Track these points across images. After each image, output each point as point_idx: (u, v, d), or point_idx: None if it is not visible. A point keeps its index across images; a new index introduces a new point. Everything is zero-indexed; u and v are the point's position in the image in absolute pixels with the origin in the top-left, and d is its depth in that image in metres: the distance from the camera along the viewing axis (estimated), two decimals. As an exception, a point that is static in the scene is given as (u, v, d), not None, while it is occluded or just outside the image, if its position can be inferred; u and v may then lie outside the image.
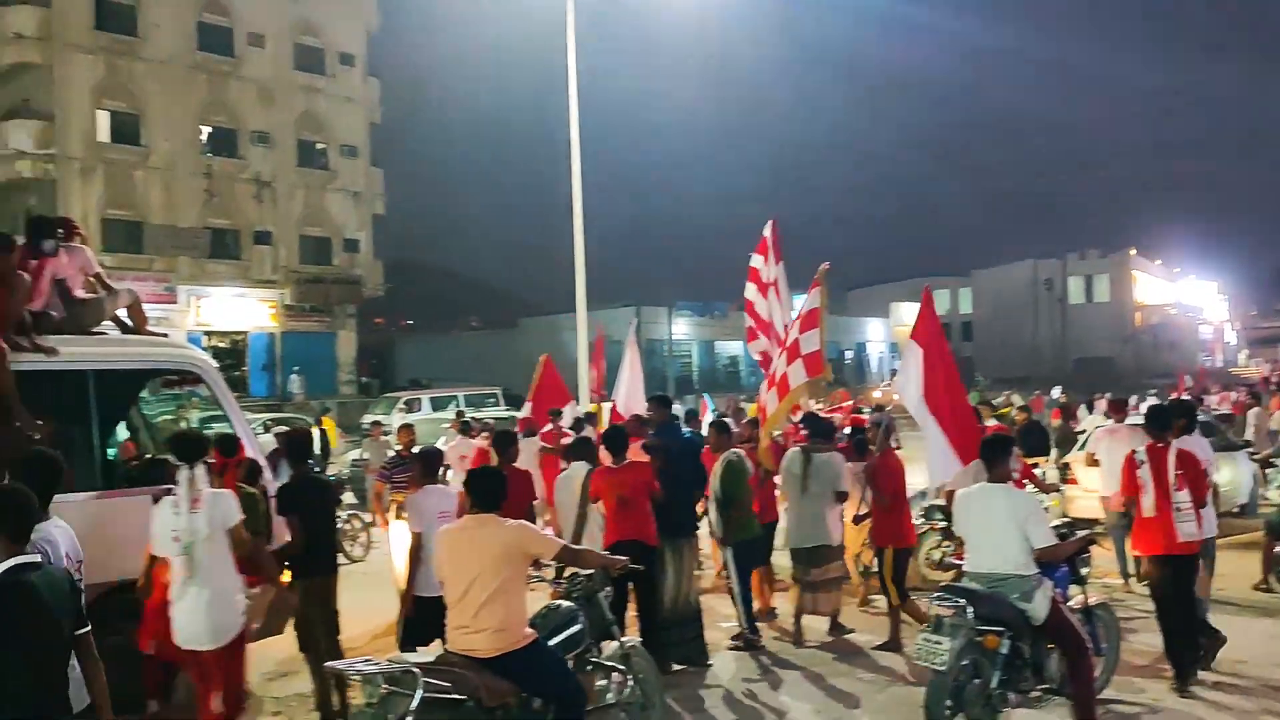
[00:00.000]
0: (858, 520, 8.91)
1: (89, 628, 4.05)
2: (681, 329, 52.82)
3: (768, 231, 10.45)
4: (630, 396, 13.55)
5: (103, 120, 35.41)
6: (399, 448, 11.30)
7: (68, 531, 4.65)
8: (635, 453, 8.11)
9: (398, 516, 9.66)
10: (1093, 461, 10.38)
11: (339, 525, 10.83)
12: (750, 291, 10.80)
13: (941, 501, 10.05)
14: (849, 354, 63.75)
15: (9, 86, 35.00)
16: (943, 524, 9.84)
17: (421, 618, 6.38)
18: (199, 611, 5.59)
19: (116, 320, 7.89)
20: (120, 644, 6.64)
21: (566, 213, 19.98)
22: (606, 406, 14.11)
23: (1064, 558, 6.26)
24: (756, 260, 10.57)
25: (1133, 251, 75.95)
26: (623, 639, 5.95)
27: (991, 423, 11.46)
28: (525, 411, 13.88)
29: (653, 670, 6.10)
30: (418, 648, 6.18)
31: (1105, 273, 74.86)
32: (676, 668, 7.66)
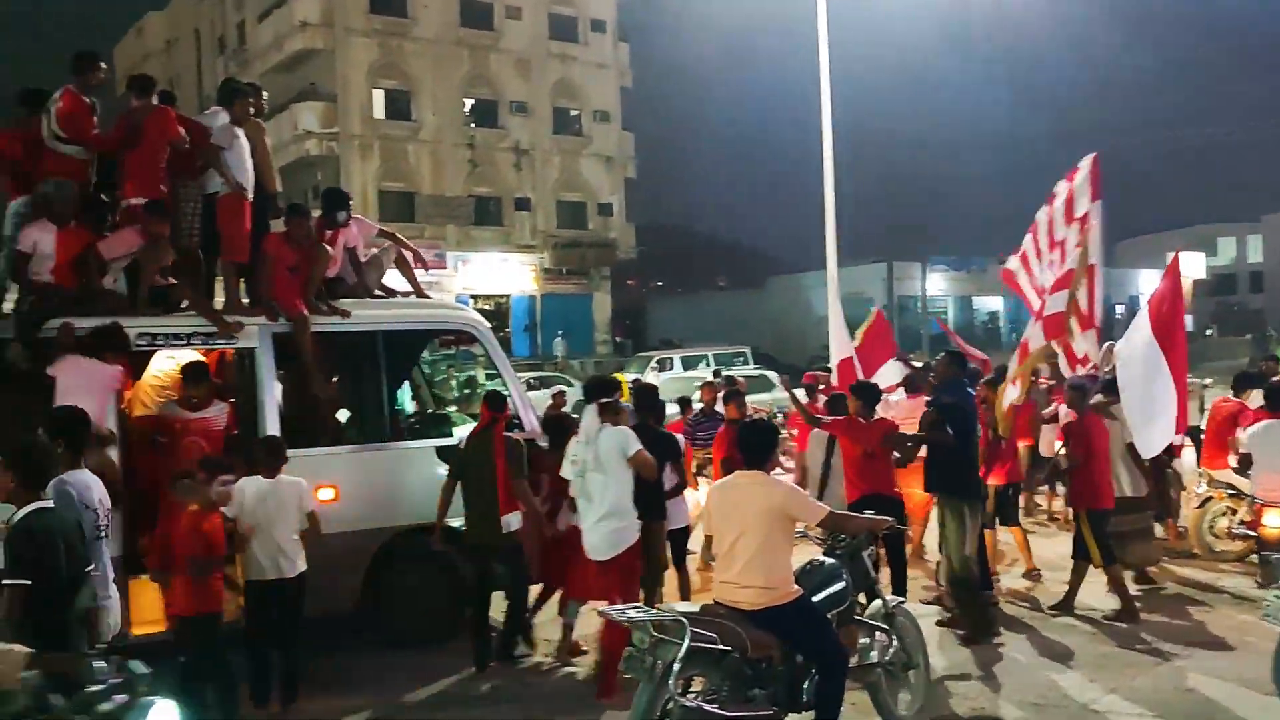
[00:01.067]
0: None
1: (92, 566, 4.51)
2: (937, 284, 51.06)
3: (1087, 164, 9.32)
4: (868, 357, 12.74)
5: (378, 99, 37.94)
6: (700, 405, 11.34)
7: (97, 482, 5.00)
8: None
9: (699, 474, 9.96)
10: None
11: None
12: (1042, 215, 9.68)
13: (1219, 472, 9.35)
14: (1120, 308, 59.73)
15: (297, 72, 38.08)
16: (1230, 492, 9.14)
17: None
18: (596, 527, 6.51)
19: (382, 286, 8.51)
20: (417, 580, 7.23)
21: (815, 169, 19.62)
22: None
23: None
24: (1061, 187, 9.49)
25: None
26: (886, 598, 5.88)
27: None
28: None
29: (917, 631, 6.01)
30: None
31: None
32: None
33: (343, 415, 8.20)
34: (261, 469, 6.35)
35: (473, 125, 40.00)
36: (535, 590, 7.62)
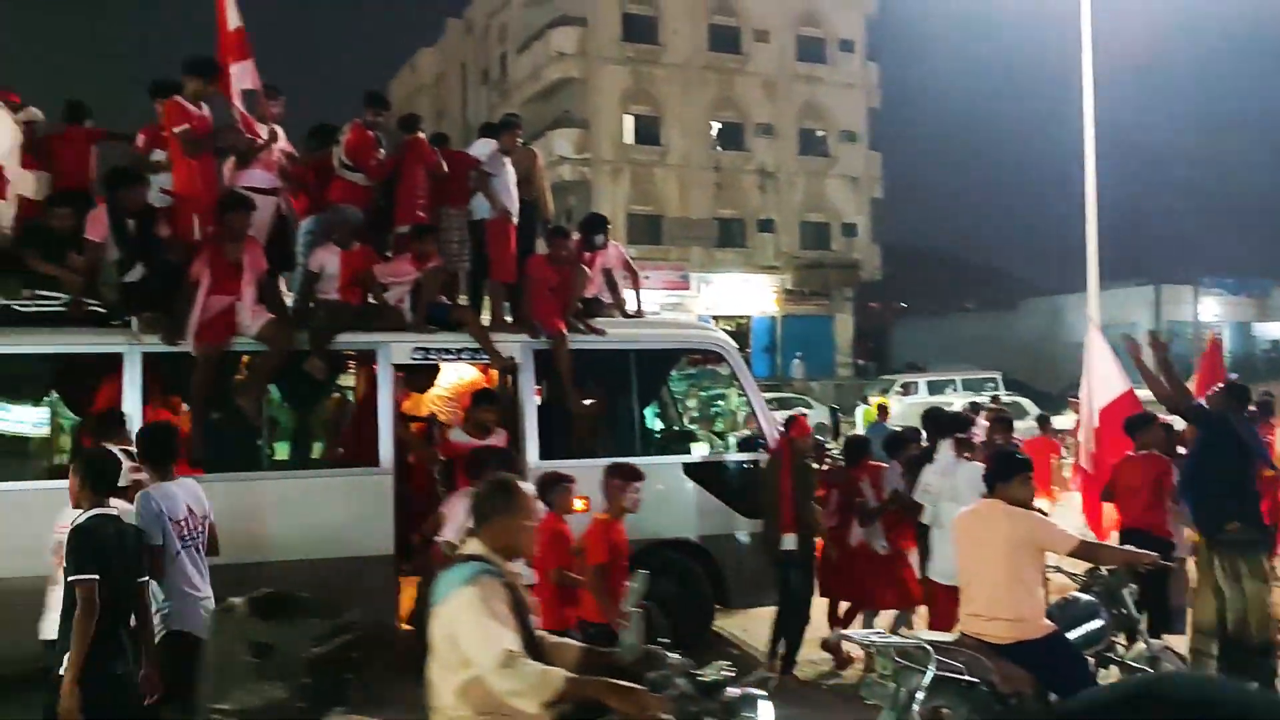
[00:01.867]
0: None
1: (146, 579, 4.70)
2: (1210, 309, 47.29)
3: None
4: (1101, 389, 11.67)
5: (628, 124, 39.12)
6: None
7: (193, 489, 5.30)
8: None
9: None
10: None
11: None
12: None
13: None
14: None
15: (553, 101, 39.85)
16: None
17: None
18: (944, 553, 6.83)
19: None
20: (670, 592, 7.43)
21: (1073, 185, 18.72)
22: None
23: None
24: None
25: None
26: (1150, 640, 5.57)
27: None
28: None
29: (1183, 678, 5.66)
30: None
31: None
32: None
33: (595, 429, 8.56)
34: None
35: (719, 148, 40.55)
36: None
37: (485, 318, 8.12)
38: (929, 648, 4.66)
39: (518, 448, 7.54)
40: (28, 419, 7.75)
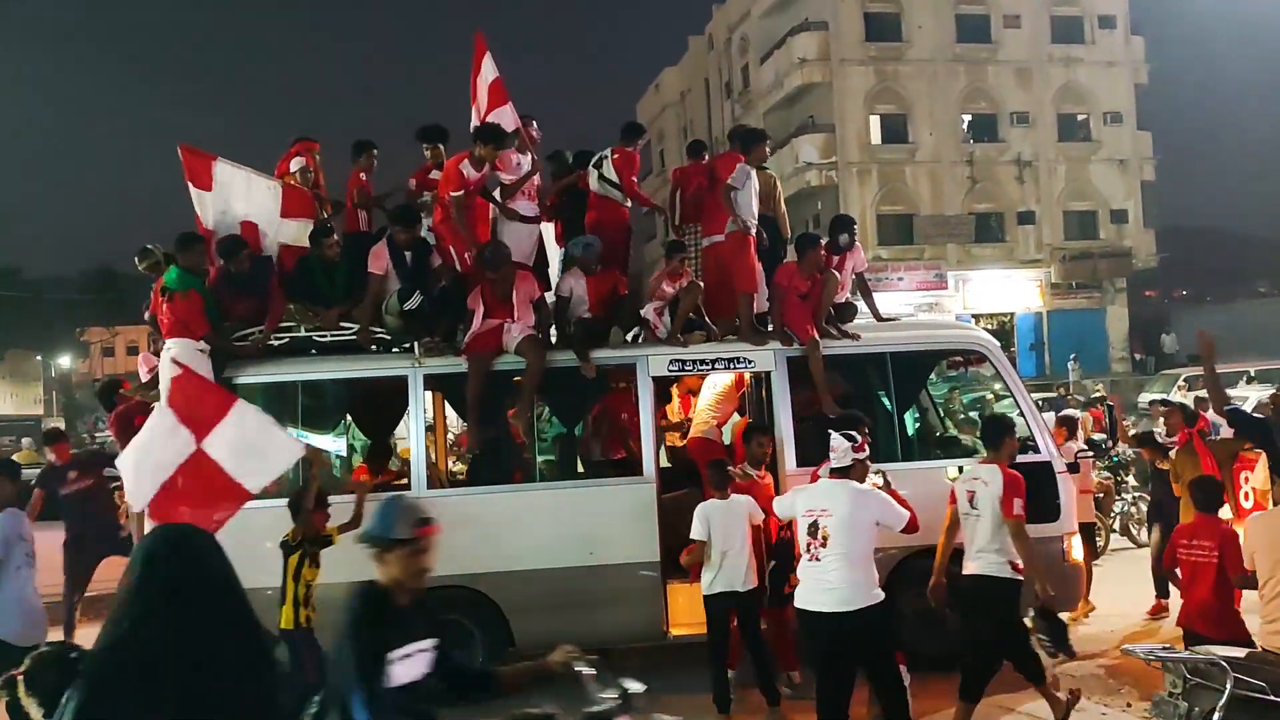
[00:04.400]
0: None
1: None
2: None
3: None
4: None
5: (874, 124, 38.44)
6: None
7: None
8: None
9: None
10: None
11: None
12: None
13: None
14: None
15: (796, 108, 39.75)
16: None
17: None
18: None
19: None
20: (920, 607, 7.19)
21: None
22: None
23: None
24: None
25: None
26: None
27: None
28: None
29: None
30: None
31: None
32: None
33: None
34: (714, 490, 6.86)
35: (971, 141, 39.15)
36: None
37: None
38: (1225, 664, 4.34)
39: (775, 453, 7.60)
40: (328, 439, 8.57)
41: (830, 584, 5.40)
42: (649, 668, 6.69)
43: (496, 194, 8.11)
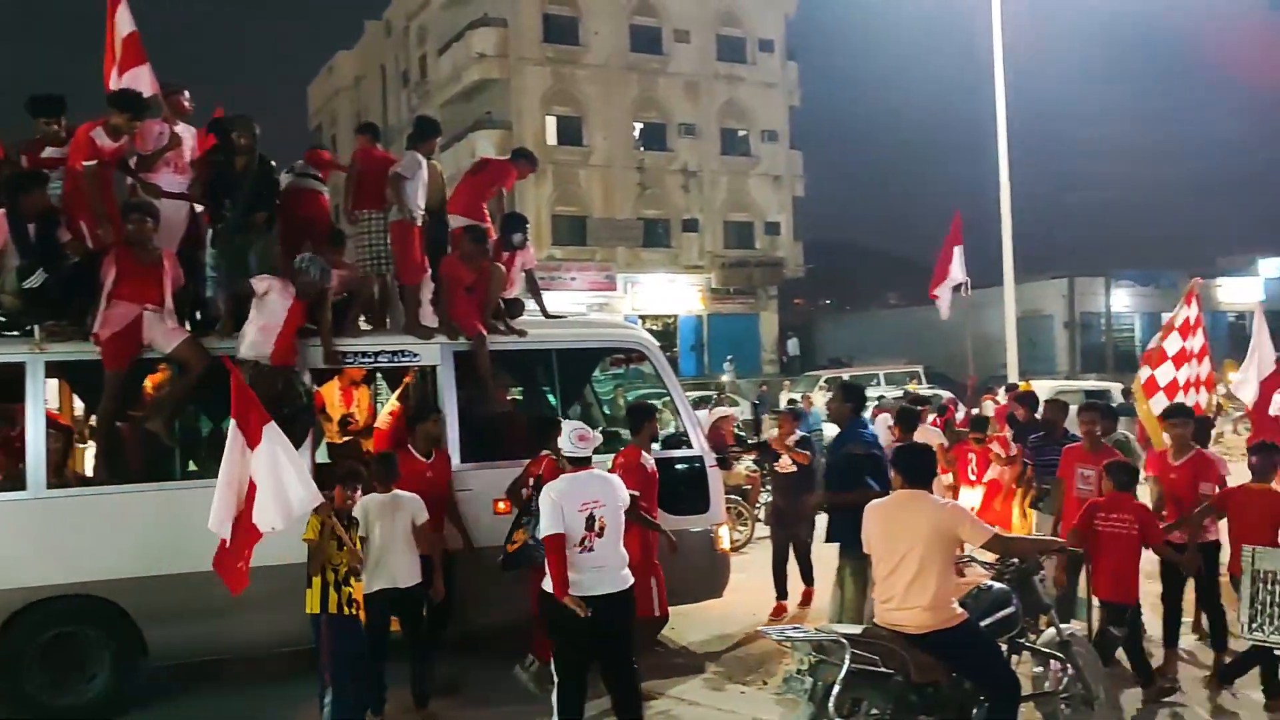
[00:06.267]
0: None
1: None
2: (1122, 301, 48.63)
3: None
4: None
5: (550, 125, 39.00)
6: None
7: None
8: None
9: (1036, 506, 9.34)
10: None
11: None
12: None
13: None
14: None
15: (474, 102, 39.59)
16: None
17: None
18: None
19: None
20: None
21: (992, 181, 19.16)
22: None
23: None
24: None
25: None
26: (1061, 625, 5.69)
27: None
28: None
29: (1094, 662, 5.80)
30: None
31: None
32: None
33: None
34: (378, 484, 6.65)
35: (642, 148, 40.65)
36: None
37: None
38: (844, 641, 4.71)
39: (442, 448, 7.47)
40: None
41: (608, 567, 5.59)
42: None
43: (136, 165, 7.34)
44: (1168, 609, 6.99)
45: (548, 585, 5.58)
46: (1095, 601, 6.64)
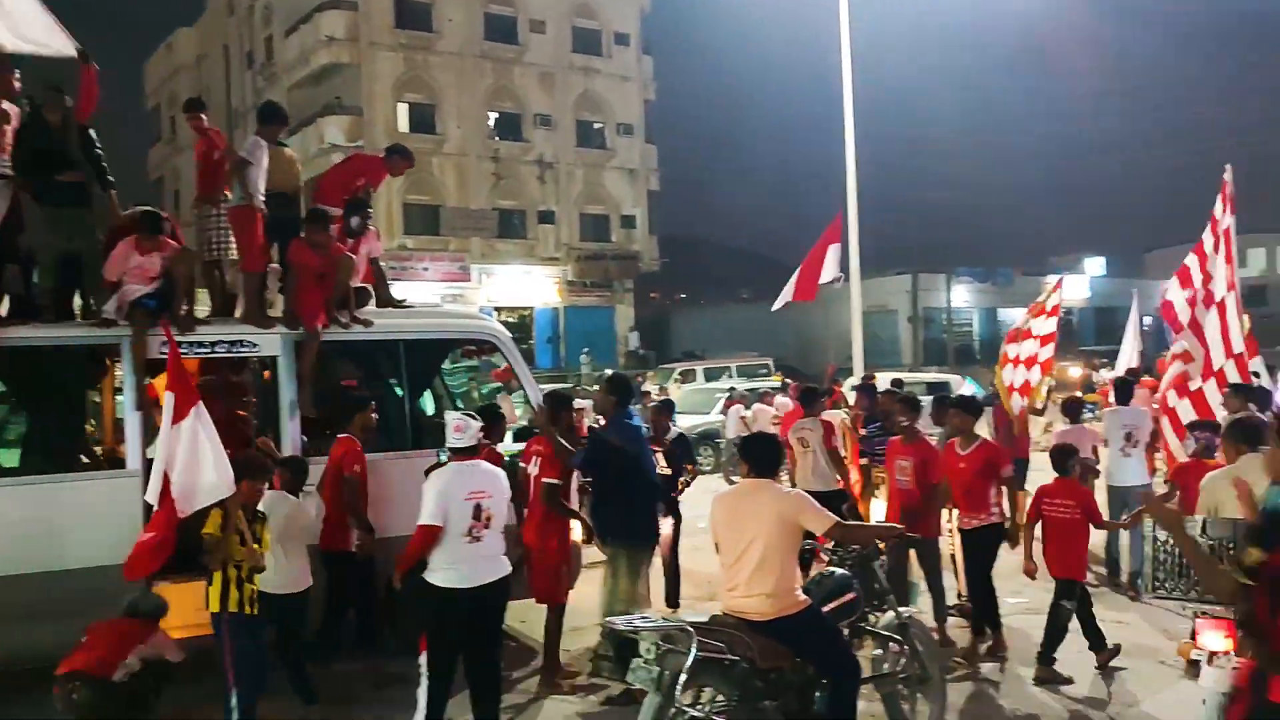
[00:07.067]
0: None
1: None
2: (961, 296, 50.77)
3: (1227, 176, 9.55)
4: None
5: (403, 112, 38.23)
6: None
7: None
8: None
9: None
10: None
11: None
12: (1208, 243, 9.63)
13: None
14: (1148, 320, 59.09)
15: (322, 86, 38.46)
16: None
17: None
18: None
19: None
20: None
21: (841, 179, 19.66)
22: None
23: None
24: (1217, 208, 9.53)
25: None
26: (899, 609, 5.87)
27: None
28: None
29: (930, 644, 6.00)
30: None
31: None
32: None
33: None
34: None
35: (497, 139, 40.27)
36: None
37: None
38: (691, 630, 4.74)
39: (278, 444, 7.21)
40: None
41: (493, 557, 5.63)
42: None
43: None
44: (973, 595, 7.56)
45: (430, 576, 5.53)
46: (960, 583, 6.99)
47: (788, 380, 23.40)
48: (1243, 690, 3.78)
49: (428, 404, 9.52)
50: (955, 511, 7.76)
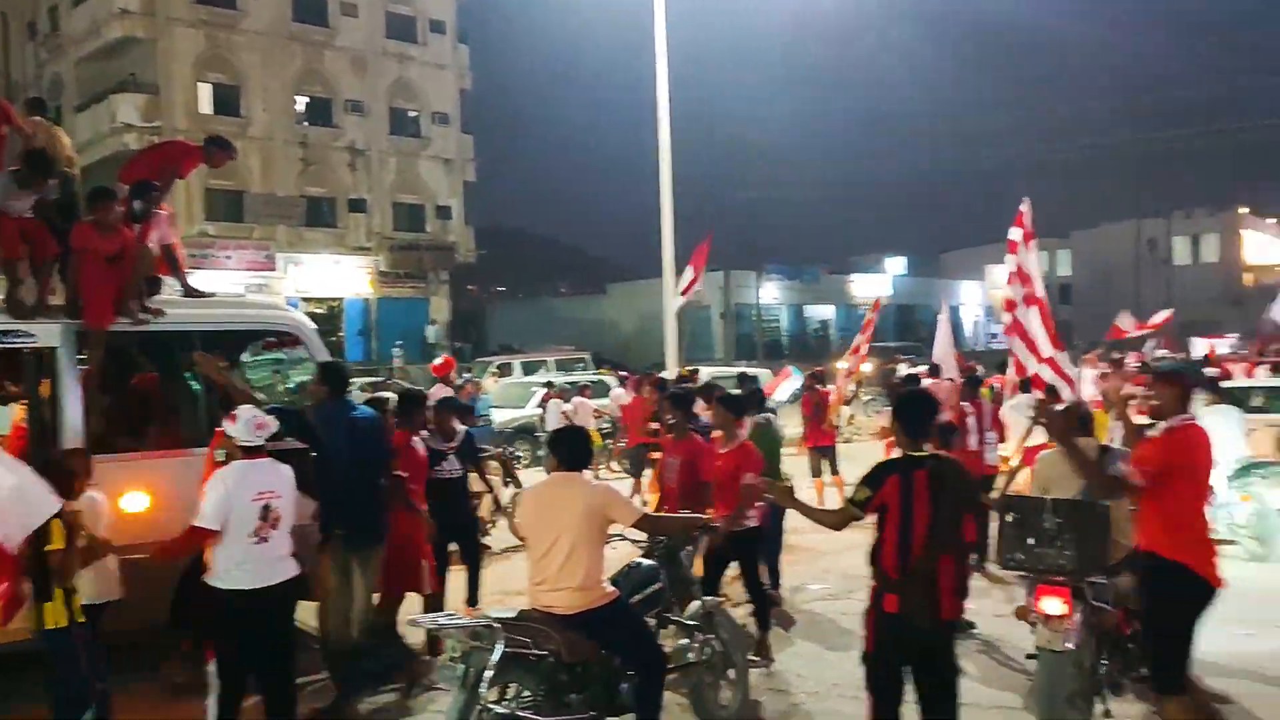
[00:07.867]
0: None
1: None
2: (771, 293, 52.40)
3: (1024, 208, 10.18)
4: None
5: (204, 92, 36.37)
6: None
7: None
8: None
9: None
10: None
11: None
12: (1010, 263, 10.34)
13: None
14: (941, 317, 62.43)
15: (116, 61, 36.19)
16: None
17: None
18: None
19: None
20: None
21: (655, 175, 19.90)
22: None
23: None
24: (1014, 233, 10.14)
25: (1244, 210, 72.51)
26: (704, 599, 5.99)
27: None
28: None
29: (735, 631, 6.15)
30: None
31: (1214, 232, 71.69)
32: None
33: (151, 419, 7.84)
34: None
35: (306, 123, 38.85)
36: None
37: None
38: (497, 626, 4.70)
39: (56, 442, 6.73)
40: None
41: (279, 557, 5.40)
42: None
43: None
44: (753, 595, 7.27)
45: (215, 580, 5.28)
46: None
47: (624, 375, 23.58)
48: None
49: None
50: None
